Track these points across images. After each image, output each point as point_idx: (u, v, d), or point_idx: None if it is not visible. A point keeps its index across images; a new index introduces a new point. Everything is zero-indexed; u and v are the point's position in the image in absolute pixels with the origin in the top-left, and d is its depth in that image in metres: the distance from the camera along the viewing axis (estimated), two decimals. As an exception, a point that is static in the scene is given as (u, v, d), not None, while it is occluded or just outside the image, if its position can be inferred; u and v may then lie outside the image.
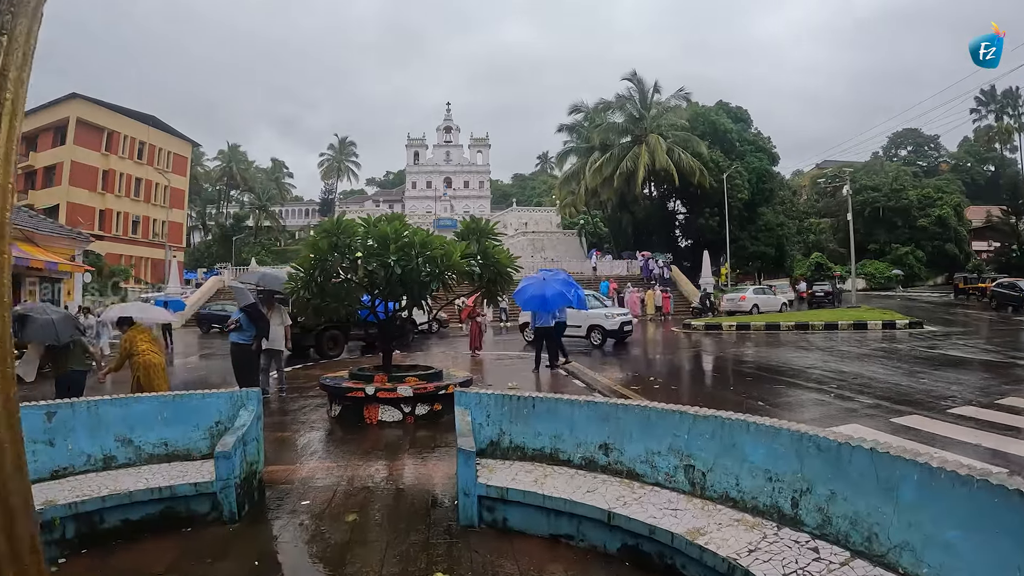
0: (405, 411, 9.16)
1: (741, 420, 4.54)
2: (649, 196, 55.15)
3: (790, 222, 62.49)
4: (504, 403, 5.76)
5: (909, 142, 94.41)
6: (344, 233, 8.88)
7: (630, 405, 5.29)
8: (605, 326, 20.89)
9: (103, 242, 52.40)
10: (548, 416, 5.60)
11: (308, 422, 9.53)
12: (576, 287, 14.78)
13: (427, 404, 9.28)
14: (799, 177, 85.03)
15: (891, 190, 70.36)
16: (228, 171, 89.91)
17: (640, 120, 51.21)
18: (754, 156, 53.60)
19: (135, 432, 5.85)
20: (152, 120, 61.82)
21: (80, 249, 28.33)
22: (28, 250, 21.94)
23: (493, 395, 5.82)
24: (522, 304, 14.07)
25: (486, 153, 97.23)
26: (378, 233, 8.70)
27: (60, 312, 8.76)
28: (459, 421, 5.66)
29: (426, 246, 8.58)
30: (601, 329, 20.90)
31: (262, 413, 6.06)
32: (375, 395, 9.02)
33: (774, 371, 14.56)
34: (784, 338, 23.19)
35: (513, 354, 19.20)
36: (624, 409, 5.27)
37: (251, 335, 10.50)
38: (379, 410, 9.11)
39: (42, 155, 54.94)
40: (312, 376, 13.84)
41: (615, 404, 5.36)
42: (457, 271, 8.88)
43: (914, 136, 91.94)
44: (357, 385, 9.21)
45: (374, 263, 8.64)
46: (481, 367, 16.01)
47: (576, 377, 13.95)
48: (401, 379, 9.32)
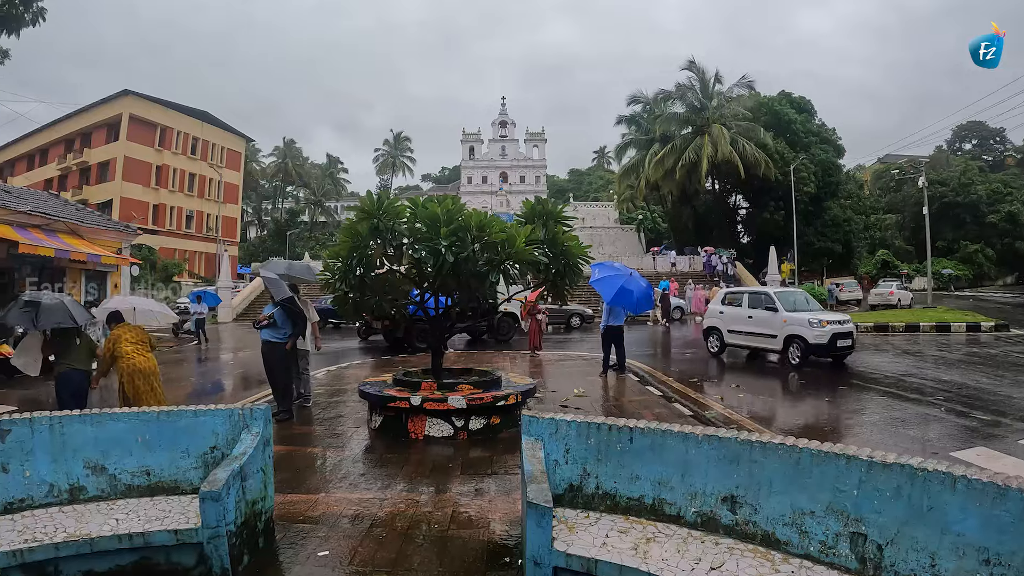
0: (457, 425, 7.72)
1: (944, 473, 3.02)
2: (711, 190, 53.19)
3: (857, 217, 59.95)
4: (590, 434, 4.23)
5: (974, 135, 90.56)
6: (387, 215, 7.51)
7: (770, 443, 3.71)
8: (808, 338, 14.58)
9: (157, 236, 52.72)
10: (651, 454, 4.08)
11: (343, 435, 8.17)
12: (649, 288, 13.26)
13: (483, 417, 7.82)
14: (860, 172, 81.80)
15: (959, 184, 67.33)
16: (283, 167, 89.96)
17: (702, 110, 49.15)
18: (819, 148, 51.18)
19: (110, 457, 4.55)
20: (205, 116, 61.86)
21: (127, 242, 27.84)
22: (72, 242, 21.48)
23: (575, 423, 4.27)
24: (608, 298, 12.45)
25: (542, 148, 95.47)
26: (427, 215, 7.26)
27: (55, 298, 7.55)
28: (528, 458, 4.15)
29: (484, 230, 7.11)
30: (802, 343, 14.73)
31: (271, 435, 4.68)
32: (422, 406, 7.60)
33: (869, 380, 12.91)
34: (866, 341, 21.18)
35: (575, 354, 17.66)
36: (762, 449, 3.71)
37: (286, 333, 9.26)
38: (426, 423, 7.69)
39: (96, 151, 55.51)
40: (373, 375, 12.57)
41: (748, 441, 3.78)
42: (521, 260, 7.37)
43: (979, 129, 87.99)
44: (401, 394, 7.80)
45: (422, 250, 7.25)
46: (541, 370, 14.54)
47: (647, 383, 12.43)
48: (453, 387, 7.90)
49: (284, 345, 9.11)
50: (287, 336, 9.16)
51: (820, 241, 52.15)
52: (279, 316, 9.13)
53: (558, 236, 7.83)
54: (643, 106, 54.91)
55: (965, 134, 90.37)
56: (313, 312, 10.51)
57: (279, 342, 9.15)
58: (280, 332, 9.18)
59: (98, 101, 55.83)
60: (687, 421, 8.88)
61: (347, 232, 7.71)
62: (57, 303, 7.36)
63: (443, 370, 8.74)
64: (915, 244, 72.42)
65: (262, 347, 9.36)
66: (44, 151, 59.90)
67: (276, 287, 9.12)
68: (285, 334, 9.15)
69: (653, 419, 9.13)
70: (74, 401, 7.23)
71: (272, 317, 9.13)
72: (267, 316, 9.21)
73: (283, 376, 9.28)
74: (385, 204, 7.43)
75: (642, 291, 12.31)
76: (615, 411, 9.65)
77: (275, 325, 9.18)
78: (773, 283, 39.68)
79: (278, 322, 9.19)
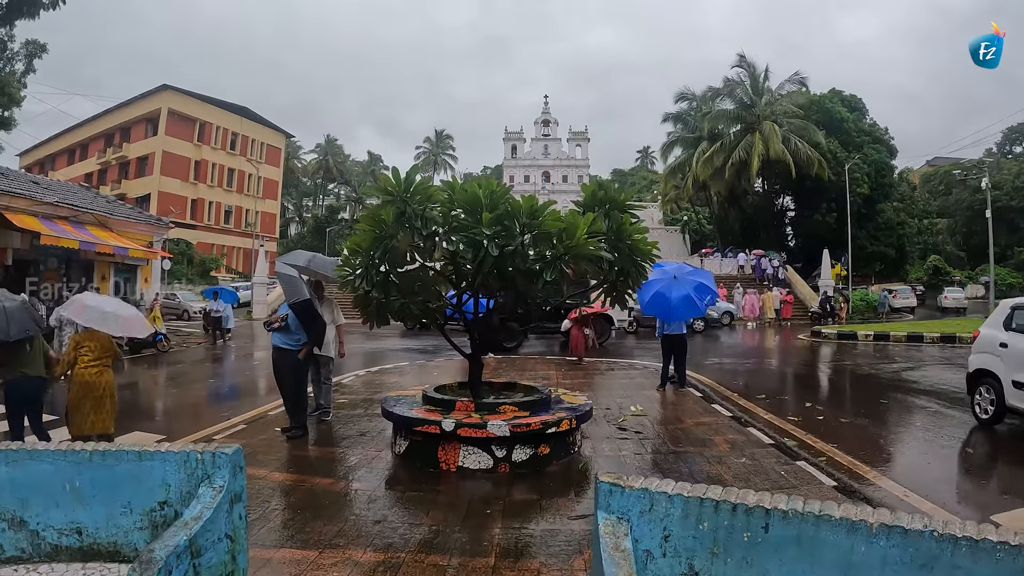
0: (497, 456, 6.36)
1: None
2: (759, 191, 51.21)
3: (911, 221, 57.44)
4: (702, 515, 2.76)
5: None
6: (416, 198, 6.12)
7: (986, 541, 2.32)
8: None
9: (195, 231, 52.52)
10: (797, 550, 2.61)
11: (360, 463, 6.82)
12: (713, 292, 11.76)
13: (529, 446, 6.46)
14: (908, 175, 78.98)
15: (1013, 188, 64.20)
16: (324, 164, 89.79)
17: (752, 107, 47.05)
18: (871, 148, 48.69)
19: (30, 508, 3.35)
20: (245, 111, 61.62)
21: (159, 235, 27.28)
22: (99, 234, 20.91)
23: (679, 499, 2.75)
24: (643, 305, 11.09)
25: (585, 147, 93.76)
26: (466, 198, 5.96)
27: (14, 300, 6.36)
28: (607, 548, 2.66)
29: (536, 217, 5.78)
30: None
31: (243, 487, 3.36)
32: (455, 432, 6.27)
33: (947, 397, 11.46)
34: (936, 353, 19.39)
35: (625, 362, 16.23)
36: (973, 549, 2.33)
37: (299, 340, 7.97)
38: (460, 452, 6.36)
39: (135, 145, 55.56)
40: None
41: (951, 537, 2.38)
42: (581, 257, 5.95)
43: None
44: (430, 415, 6.50)
45: (459, 241, 5.95)
46: (590, 380, 13.11)
47: (711, 400, 10.97)
48: (493, 408, 6.57)
49: (296, 353, 7.94)
50: (300, 344, 7.98)
51: (873, 245, 49.80)
52: (292, 320, 7.94)
53: (624, 228, 6.42)
54: (690, 103, 53.17)
55: (1016, 136, 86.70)
56: (339, 314, 9.27)
57: (291, 349, 7.99)
58: (292, 338, 7.99)
59: (137, 96, 55.87)
60: (768, 452, 7.44)
61: (369, 220, 6.38)
62: (18, 306, 6.23)
63: (482, 384, 7.40)
64: (967, 250, 69.76)
65: (272, 353, 8.17)
66: (84, 146, 60.32)
67: (291, 286, 7.87)
68: (298, 341, 7.98)
69: (727, 448, 7.77)
70: (28, 409, 6.38)
71: (285, 320, 7.90)
72: (280, 317, 7.98)
73: (295, 388, 8.07)
74: (415, 185, 6.08)
75: (681, 297, 10.85)
76: (681, 436, 8.23)
77: (288, 329, 7.99)
78: (827, 288, 37.88)
79: (291, 326, 7.96)
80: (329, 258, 9.32)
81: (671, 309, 10.91)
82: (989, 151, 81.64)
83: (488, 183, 5.95)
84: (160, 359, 17.64)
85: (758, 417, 9.67)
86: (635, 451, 7.41)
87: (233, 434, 8.22)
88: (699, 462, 6.97)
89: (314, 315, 7.91)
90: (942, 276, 60.96)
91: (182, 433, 8.47)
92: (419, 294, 6.81)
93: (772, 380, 14.83)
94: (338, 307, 9.31)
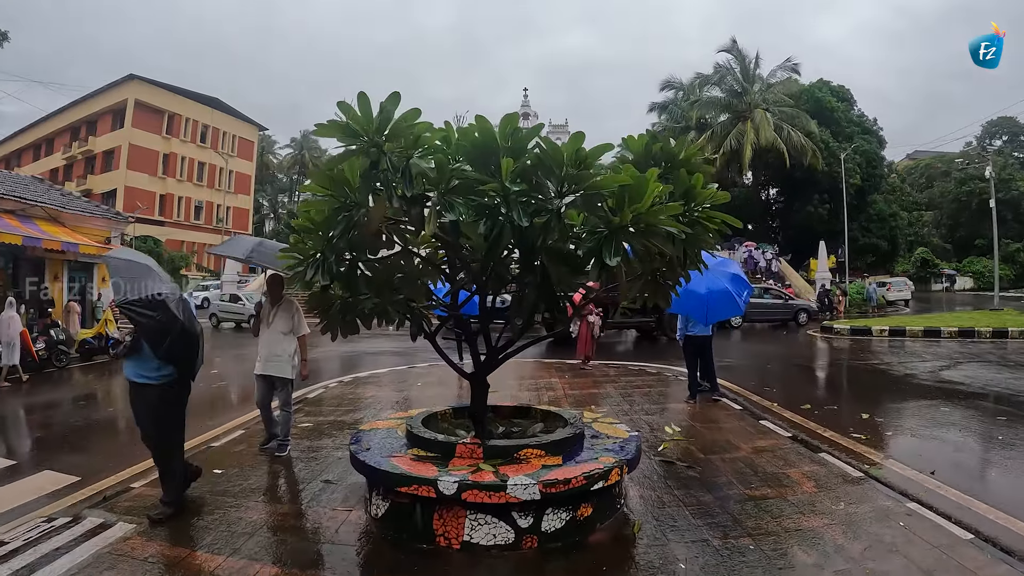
0: (521, 525, 4.32)
1: None
2: (750, 182, 49.64)
3: (903, 213, 56.22)
4: None
5: (1004, 131, 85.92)
6: (399, 142, 3.95)
7: None
8: None
9: (164, 228, 50.37)
10: None
11: (319, 534, 4.75)
12: (749, 286, 9.89)
13: (566, 509, 4.45)
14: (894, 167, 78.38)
15: (999, 180, 63.17)
16: (300, 159, 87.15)
17: (743, 94, 45.25)
18: (861, 138, 47.77)
19: None
20: (215, 102, 58.91)
21: (117, 231, 25.15)
22: (49, 229, 19.09)
23: None
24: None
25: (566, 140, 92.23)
26: (474, 140, 3.91)
27: None
28: None
29: (585, 168, 3.72)
30: None
31: None
32: (459, 497, 4.24)
33: (1007, 401, 10.22)
34: (962, 349, 17.80)
35: (633, 365, 14.25)
36: None
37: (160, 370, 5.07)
38: (466, 522, 4.33)
39: (101, 139, 53.16)
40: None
41: None
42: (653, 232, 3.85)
43: (1009, 125, 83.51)
44: (422, 470, 4.43)
45: (460, 209, 3.87)
46: (602, 390, 11.15)
47: (754, 414, 9.09)
48: (509, 453, 4.60)
49: (161, 389, 5.11)
50: (163, 376, 5.09)
51: (865, 237, 48.99)
52: (148, 336, 4.96)
53: (698, 193, 4.43)
54: (677, 92, 51.38)
55: (996, 130, 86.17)
56: (301, 321, 7.01)
57: (150, 384, 5.09)
58: (149, 366, 5.06)
59: (104, 87, 53.29)
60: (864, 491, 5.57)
61: (324, 179, 4.17)
62: None
63: (488, 409, 5.37)
64: (952, 242, 68.91)
65: (129, 393, 5.30)
66: (50, 141, 57.81)
67: (130, 275, 4.99)
68: (159, 371, 5.08)
69: (813, 487, 5.82)
70: None
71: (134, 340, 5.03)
72: (124, 339, 5.14)
73: (161, 443, 5.22)
74: (394, 121, 3.83)
75: (718, 293, 8.97)
76: (747, 471, 6.28)
77: (140, 352, 5.07)
78: (824, 281, 36.64)
79: (145, 348, 5.03)
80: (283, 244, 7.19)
81: (707, 307, 9.03)
82: (969, 144, 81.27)
83: (510, 119, 3.88)
84: (111, 368, 15.46)
85: (818, 436, 7.92)
86: (697, 498, 5.45)
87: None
88: (791, 515, 5.03)
89: (167, 327, 4.87)
90: (930, 268, 60.02)
91: (104, 473, 6.44)
92: (399, 290, 4.78)
93: (805, 385, 13.05)
94: (300, 312, 7.07)
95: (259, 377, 6.86)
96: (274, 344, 6.80)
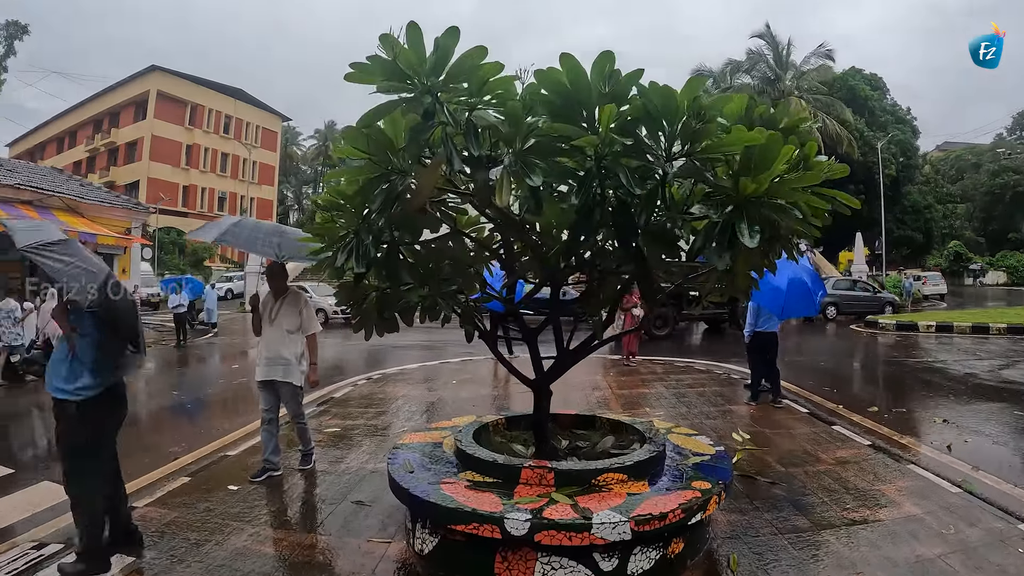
0: (604, 568, 3.48)
1: None
2: (779, 172, 48.39)
3: (938, 205, 54.58)
4: None
5: None
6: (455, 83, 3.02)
7: None
8: None
9: (186, 219, 49.85)
10: None
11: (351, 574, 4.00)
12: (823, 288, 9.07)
13: (655, 547, 3.62)
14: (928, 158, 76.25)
15: (1033, 172, 61.42)
16: (324, 150, 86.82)
17: (776, 81, 44.06)
18: (895, 128, 46.32)
19: None
20: (238, 93, 58.31)
21: (138, 222, 24.84)
22: (66, 220, 18.80)
23: None
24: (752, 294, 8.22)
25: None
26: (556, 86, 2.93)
27: None
28: None
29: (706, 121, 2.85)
30: None
31: None
32: (530, 538, 3.42)
33: None
34: (1011, 346, 16.71)
35: (679, 362, 13.35)
36: None
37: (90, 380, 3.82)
38: (536, 565, 3.49)
39: (124, 131, 52.83)
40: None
41: None
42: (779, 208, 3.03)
43: None
44: (482, 504, 3.58)
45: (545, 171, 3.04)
46: (649, 389, 10.30)
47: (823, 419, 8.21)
48: (586, 480, 3.77)
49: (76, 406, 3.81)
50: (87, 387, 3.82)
51: (899, 229, 47.56)
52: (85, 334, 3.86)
53: (818, 164, 3.56)
54: (707, 80, 49.99)
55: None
56: (311, 318, 5.99)
57: (69, 400, 3.82)
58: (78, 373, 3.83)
59: (126, 78, 52.87)
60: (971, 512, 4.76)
61: (357, 139, 3.27)
62: None
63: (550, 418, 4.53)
64: (985, 235, 66.98)
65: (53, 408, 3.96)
66: (73, 133, 57.64)
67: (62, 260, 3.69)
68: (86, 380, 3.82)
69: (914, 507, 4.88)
70: None
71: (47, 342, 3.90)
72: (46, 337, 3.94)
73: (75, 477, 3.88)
74: (452, 62, 2.91)
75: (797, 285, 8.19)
76: (835, 487, 5.43)
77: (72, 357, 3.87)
78: (861, 273, 35.48)
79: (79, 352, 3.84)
80: (293, 229, 6.27)
81: (784, 300, 8.17)
82: (1000, 136, 79.01)
83: (606, 56, 2.91)
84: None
85: (897, 443, 7.08)
86: (792, 523, 4.62)
87: (172, 493, 5.40)
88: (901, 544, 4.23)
89: (109, 323, 3.85)
90: (963, 262, 58.33)
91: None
92: (450, 279, 3.95)
93: (865, 384, 12.22)
94: (310, 306, 6.06)
95: (262, 384, 5.81)
96: (279, 344, 5.75)
